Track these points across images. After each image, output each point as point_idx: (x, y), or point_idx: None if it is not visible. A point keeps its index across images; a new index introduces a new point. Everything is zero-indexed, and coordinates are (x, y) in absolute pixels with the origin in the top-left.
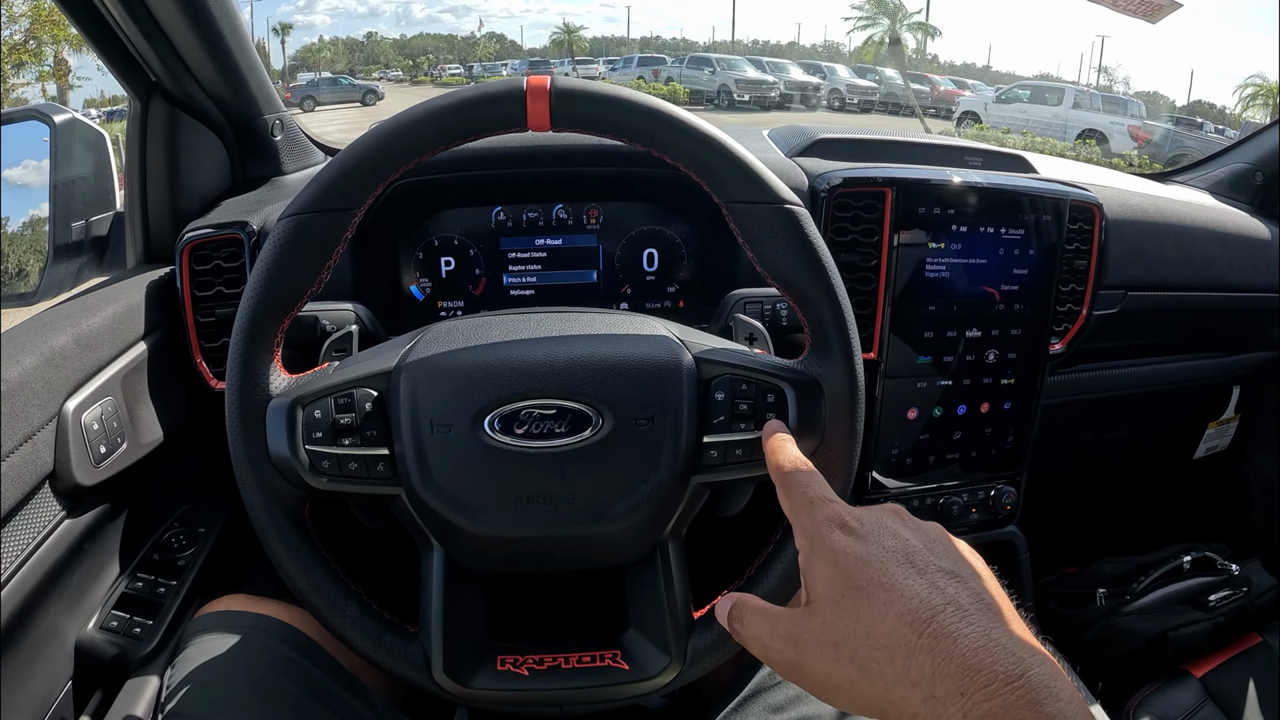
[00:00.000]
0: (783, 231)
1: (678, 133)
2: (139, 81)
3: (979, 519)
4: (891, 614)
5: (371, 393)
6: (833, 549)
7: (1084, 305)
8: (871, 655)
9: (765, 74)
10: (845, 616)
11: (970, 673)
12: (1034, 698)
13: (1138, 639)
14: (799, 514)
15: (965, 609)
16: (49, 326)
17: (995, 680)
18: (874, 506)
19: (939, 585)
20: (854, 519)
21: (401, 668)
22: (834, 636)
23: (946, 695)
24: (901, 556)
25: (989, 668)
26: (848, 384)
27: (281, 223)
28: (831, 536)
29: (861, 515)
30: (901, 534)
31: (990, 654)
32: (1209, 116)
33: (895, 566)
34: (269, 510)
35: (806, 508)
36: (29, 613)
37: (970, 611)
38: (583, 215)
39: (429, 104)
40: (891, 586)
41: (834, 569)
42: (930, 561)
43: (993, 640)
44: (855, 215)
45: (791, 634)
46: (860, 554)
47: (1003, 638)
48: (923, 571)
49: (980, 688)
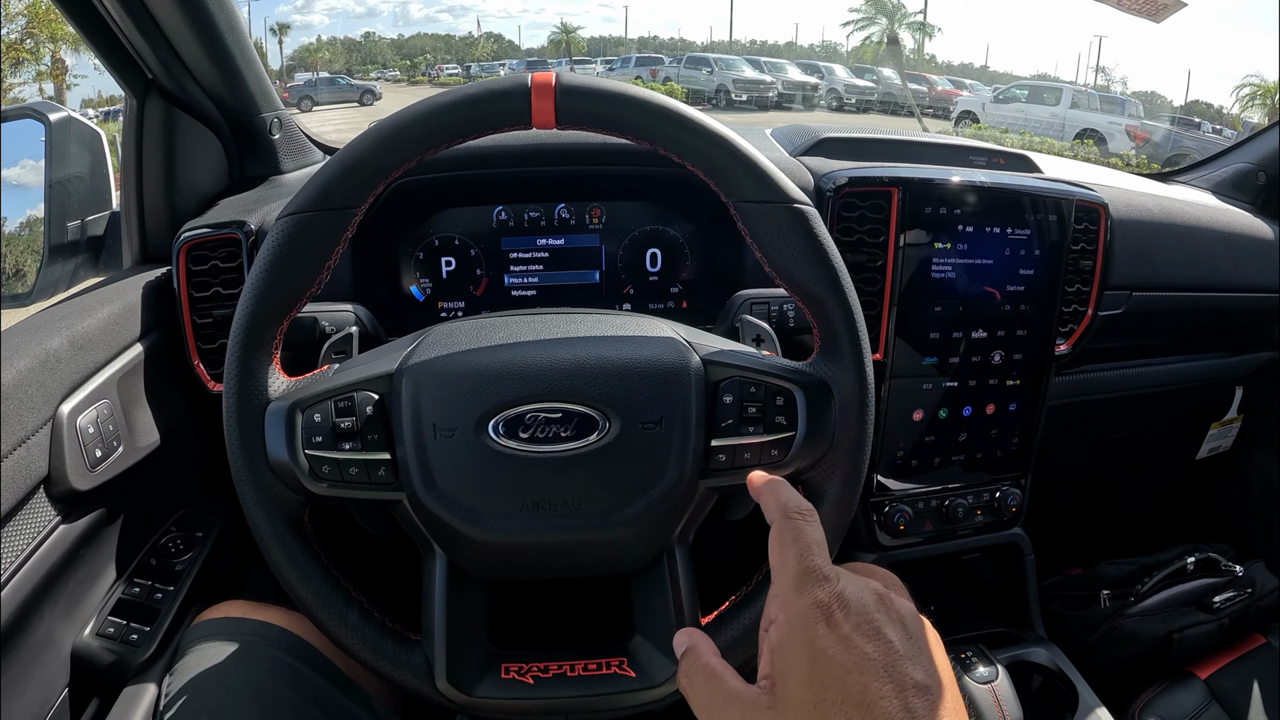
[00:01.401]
0: (792, 231)
1: (686, 131)
2: (135, 79)
3: (983, 521)
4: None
5: (373, 396)
6: (814, 646)
7: (1089, 306)
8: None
9: (763, 74)
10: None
11: None
12: None
13: (1142, 641)
14: (786, 578)
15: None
16: (44, 328)
17: None
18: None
19: (911, 706)
20: (841, 609)
21: (404, 677)
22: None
23: None
24: (883, 668)
25: None
26: (858, 386)
27: (280, 222)
28: (816, 629)
29: (850, 602)
30: (885, 634)
31: None
32: (1206, 116)
33: (875, 682)
34: (268, 516)
35: (799, 576)
36: (24, 620)
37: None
38: (585, 215)
39: (431, 101)
40: (868, 708)
41: (810, 670)
42: (907, 675)
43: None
44: (861, 215)
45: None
46: (842, 662)
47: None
48: (900, 689)
49: None
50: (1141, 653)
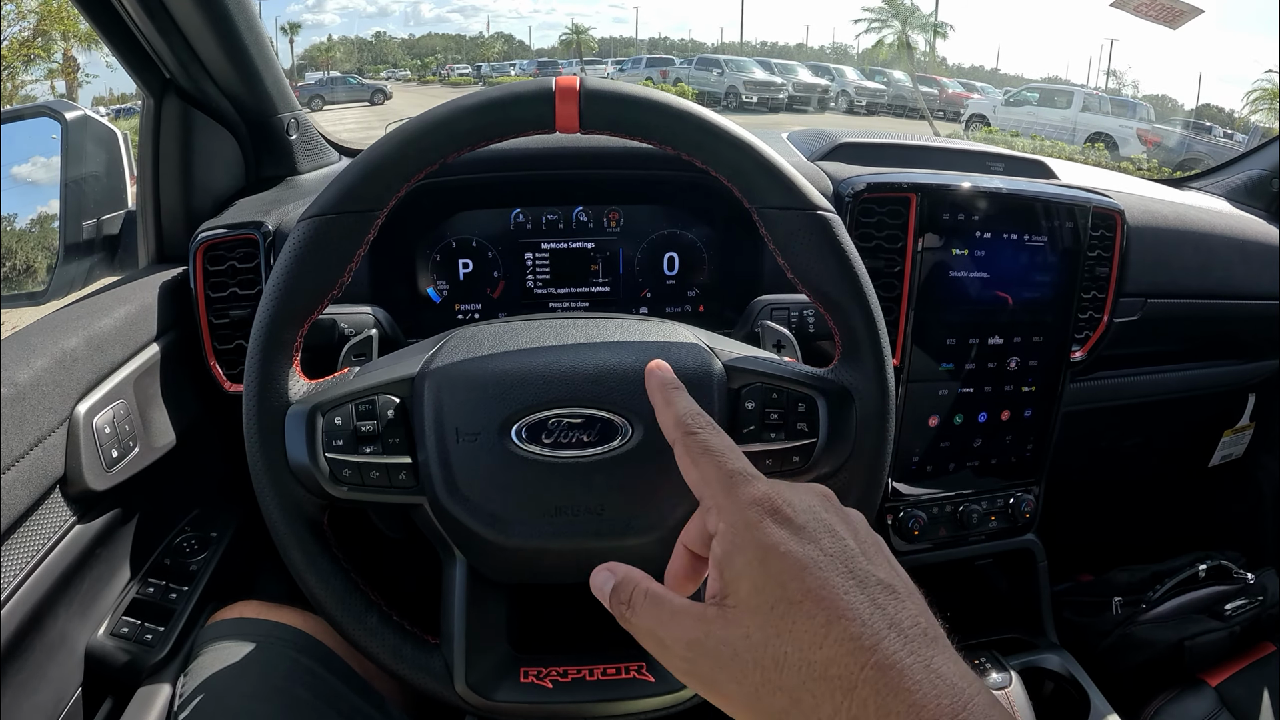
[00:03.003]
0: (815, 238)
1: (709, 136)
2: (153, 78)
3: (997, 526)
4: (832, 638)
5: (394, 399)
6: (763, 545)
7: (1105, 312)
8: (806, 686)
9: (773, 75)
10: (774, 634)
11: (916, 709)
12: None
13: (1154, 648)
14: (714, 490)
15: (906, 634)
16: (60, 327)
17: (940, 715)
18: (801, 487)
19: (880, 603)
20: (785, 504)
21: (423, 680)
22: (759, 656)
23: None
24: (841, 563)
25: (934, 702)
26: (879, 394)
27: (302, 224)
28: (762, 527)
29: (795, 501)
30: (837, 530)
31: (934, 687)
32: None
33: (836, 576)
34: (288, 519)
35: (725, 483)
36: (39, 619)
37: (911, 637)
38: (603, 218)
39: (455, 104)
40: (833, 603)
41: (763, 571)
42: (869, 572)
43: (934, 671)
44: (879, 221)
45: (701, 642)
46: (798, 556)
47: (943, 667)
48: (863, 585)
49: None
50: (1153, 659)
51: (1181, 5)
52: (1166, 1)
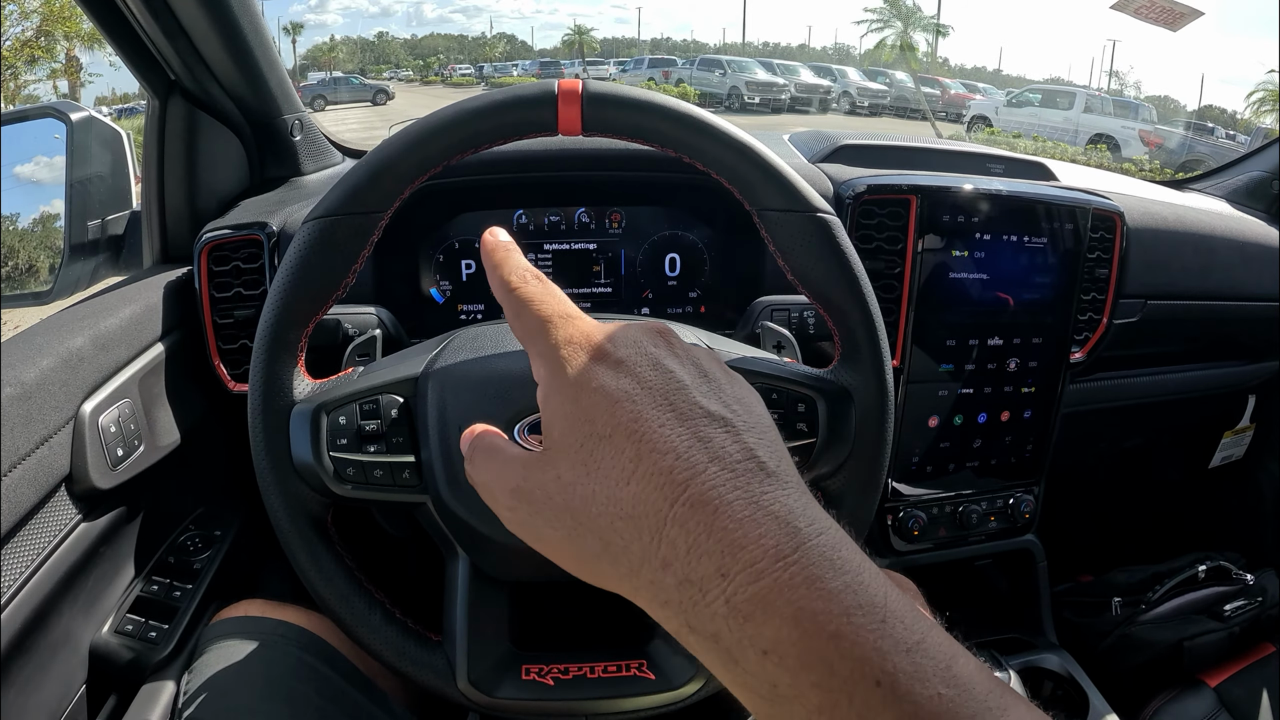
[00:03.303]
0: (815, 240)
1: (711, 139)
2: (158, 80)
3: (997, 527)
4: (640, 473)
5: (397, 399)
6: (576, 382)
7: (1104, 314)
8: (614, 526)
9: (776, 76)
10: (583, 472)
11: (734, 549)
12: (812, 573)
13: (1153, 648)
14: (535, 337)
15: (733, 468)
16: (65, 327)
17: (764, 557)
18: (634, 323)
19: (704, 436)
20: (607, 340)
21: (426, 677)
22: (569, 498)
23: (704, 578)
24: (661, 396)
25: (756, 542)
26: (878, 394)
27: (307, 225)
28: (574, 362)
29: (616, 336)
30: (665, 364)
31: (758, 525)
32: (1219, 121)
33: (651, 409)
34: (292, 517)
35: (542, 326)
36: (43, 617)
37: (739, 472)
38: (605, 219)
39: (458, 107)
40: (643, 436)
41: (575, 408)
42: (697, 404)
43: (763, 508)
44: (880, 222)
45: (520, 487)
46: (609, 389)
47: (774, 504)
48: (685, 418)
49: (745, 567)
50: (1152, 660)
51: (1181, 7)
52: (1166, 4)
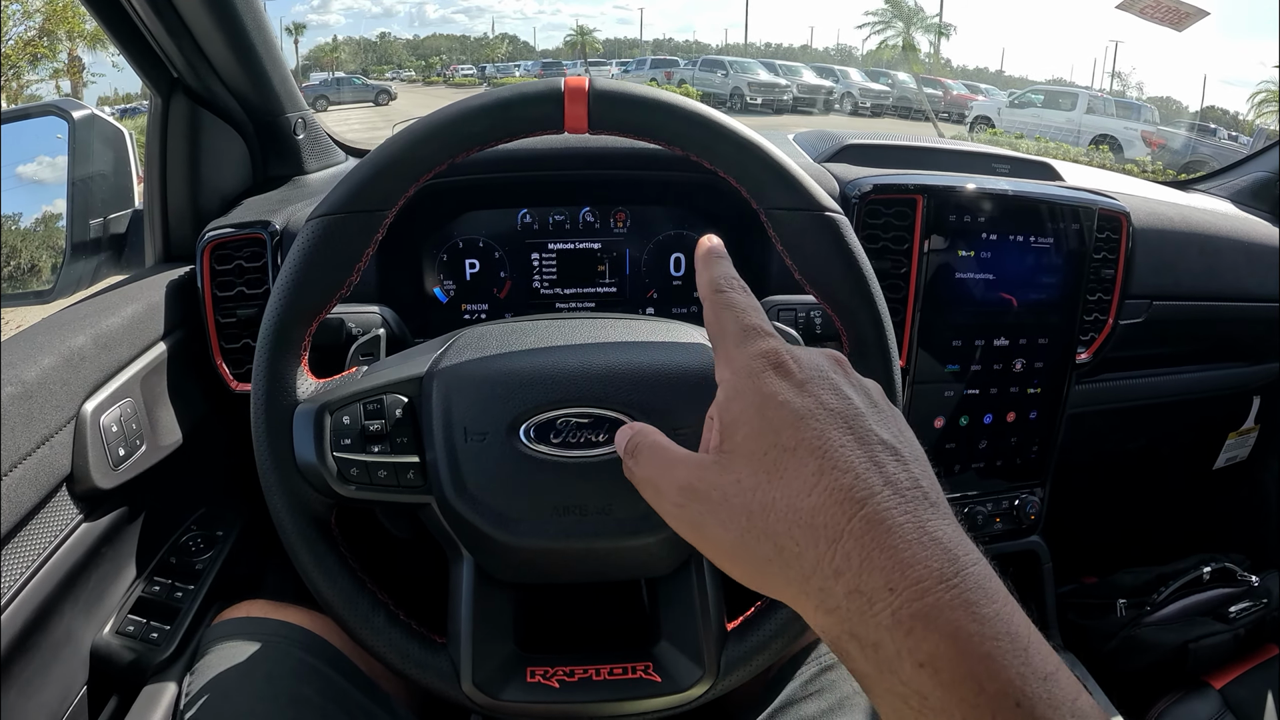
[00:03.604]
0: (823, 239)
1: (718, 138)
2: (160, 78)
3: (1002, 528)
4: (822, 487)
5: (402, 399)
6: (762, 393)
7: (1110, 315)
8: (791, 534)
9: (778, 77)
10: (765, 479)
11: (902, 567)
12: (969, 598)
13: (1158, 650)
14: (727, 342)
15: (904, 493)
16: (67, 326)
17: (929, 577)
18: (817, 350)
19: (879, 461)
20: (793, 360)
21: (430, 680)
22: (748, 501)
23: (874, 590)
24: (842, 419)
25: (923, 563)
26: (885, 394)
27: (311, 224)
28: (764, 377)
29: (802, 358)
30: (844, 390)
31: (925, 548)
32: (1222, 122)
33: (834, 430)
34: (295, 518)
35: (738, 336)
36: (44, 617)
37: (909, 498)
38: (610, 218)
39: (463, 105)
40: (827, 453)
41: (760, 419)
42: (872, 431)
43: (928, 533)
44: (886, 222)
45: (694, 486)
46: (795, 406)
47: (939, 531)
48: (863, 442)
49: (911, 584)
50: (1157, 662)
51: (1187, 7)
52: (1172, 4)
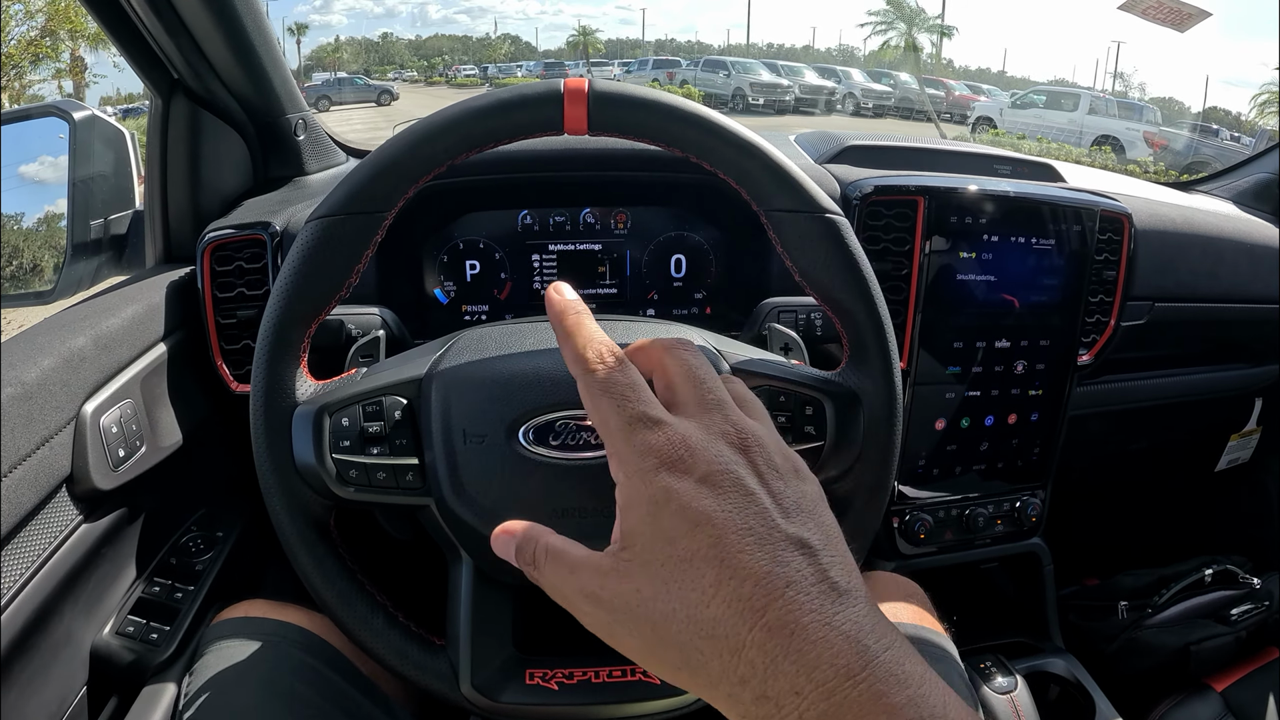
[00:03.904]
0: (823, 241)
1: (718, 139)
2: (161, 78)
3: (1003, 530)
4: (721, 598)
5: (401, 401)
6: (655, 499)
7: (1112, 316)
8: (694, 644)
9: (780, 77)
10: (662, 590)
11: (808, 669)
12: (878, 689)
13: (1160, 653)
14: (612, 436)
15: (808, 590)
16: (67, 327)
17: (835, 676)
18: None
19: (782, 560)
20: (688, 453)
21: (429, 682)
22: (649, 612)
23: (780, 695)
24: (741, 520)
25: (829, 662)
26: (886, 397)
27: (310, 225)
28: (656, 478)
29: (699, 450)
30: (746, 482)
31: (831, 645)
32: (1224, 123)
33: (732, 534)
34: (294, 520)
35: (623, 430)
36: (44, 618)
37: (814, 595)
38: (610, 220)
39: (463, 105)
40: (724, 561)
41: (654, 526)
42: (776, 527)
43: (835, 628)
44: (887, 224)
45: (597, 595)
46: (691, 511)
47: (846, 624)
48: (764, 542)
49: (817, 686)
50: (1159, 664)
51: (1190, 8)
52: (1174, 4)
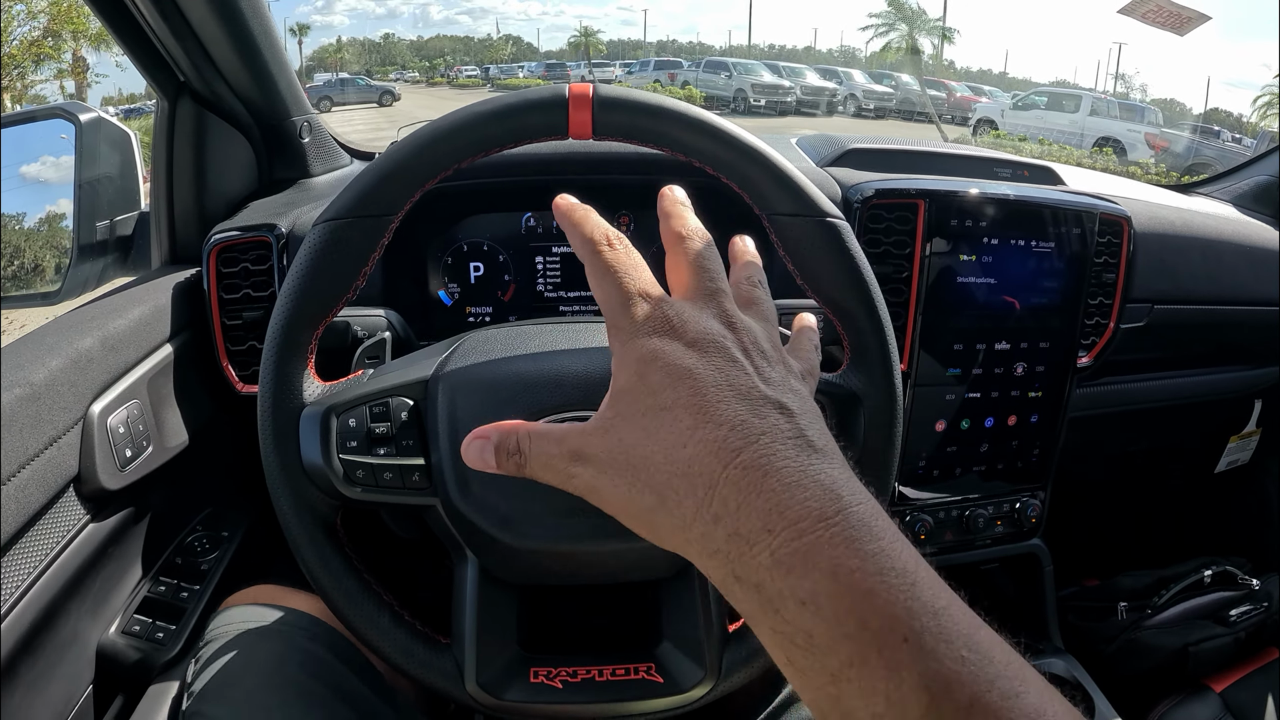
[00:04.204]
0: (824, 245)
1: (721, 144)
2: (167, 81)
3: (1003, 531)
4: (696, 439)
5: (407, 401)
6: (643, 358)
7: (1111, 318)
8: (670, 483)
9: (781, 79)
10: (643, 437)
11: (779, 509)
12: (850, 534)
13: (1159, 654)
14: (613, 309)
15: (784, 441)
16: (75, 328)
17: (807, 517)
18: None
19: (761, 414)
20: (680, 322)
21: (434, 679)
22: (630, 457)
23: (751, 532)
24: (724, 377)
25: (801, 504)
26: (887, 399)
27: (318, 228)
28: (648, 341)
29: (690, 319)
30: (732, 352)
31: (804, 490)
32: (1225, 125)
33: (712, 388)
34: (301, 519)
35: (624, 302)
36: (51, 617)
37: (789, 445)
38: (613, 222)
39: (469, 110)
40: (702, 409)
41: (640, 382)
42: (756, 388)
43: (809, 475)
44: (888, 227)
45: (582, 451)
46: (675, 367)
47: (820, 474)
48: (744, 397)
49: (789, 524)
50: (1158, 665)
51: (1189, 11)
52: (1174, 8)
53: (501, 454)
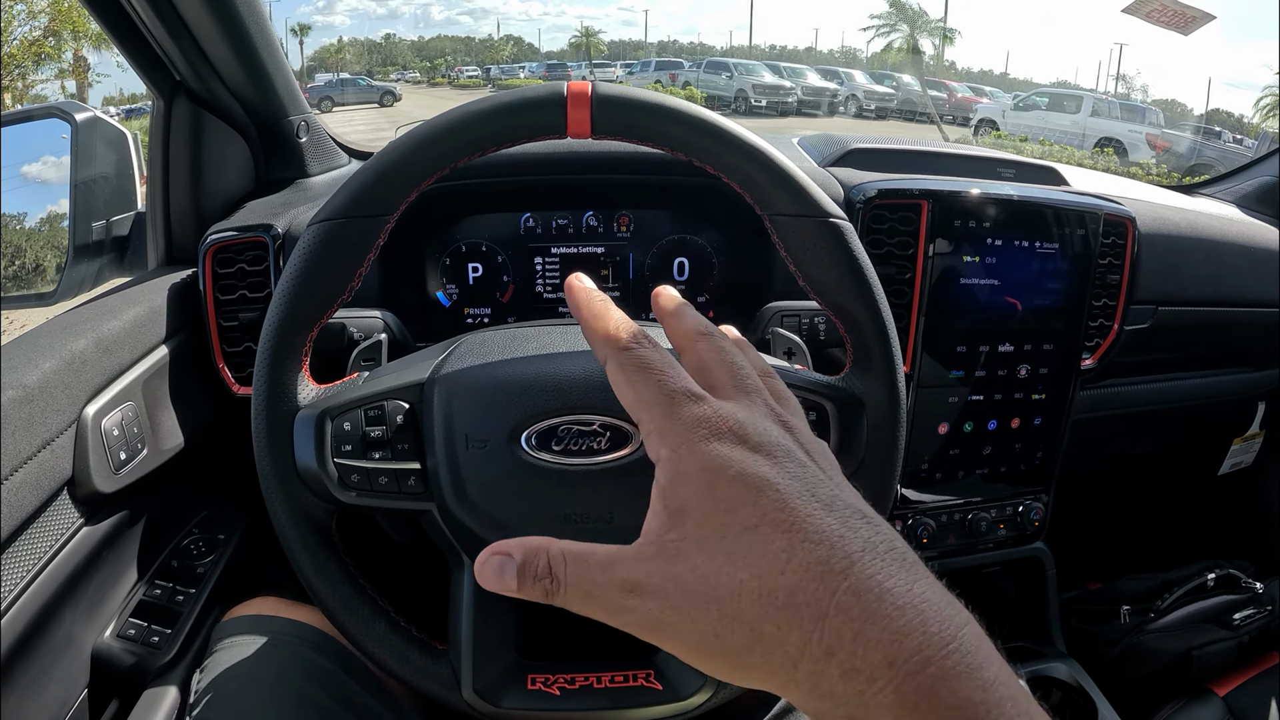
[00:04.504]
0: (827, 246)
1: (722, 143)
2: (163, 80)
3: (1006, 534)
4: (796, 563)
5: (403, 405)
6: (710, 468)
7: (1115, 320)
8: (769, 616)
9: (782, 79)
10: (726, 562)
11: (900, 637)
12: (971, 662)
13: (1162, 657)
14: (653, 412)
15: (884, 557)
16: (69, 329)
17: (929, 645)
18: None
19: (852, 526)
20: (739, 425)
21: (431, 686)
22: (713, 589)
23: (873, 667)
24: (804, 486)
25: (920, 630)
26: (890, 402)
27: (313, 228)
28: (710, 449)
29: (748, 421)
30: (797, 455)
31: (919, 613)
32: (1227, 125)
33: (797, 499)
34: (295, 524)
35: (666, 405)
36: (45, 620)
37: (889, 560)
38: (613, 223)
39: (466, 109)
40: (794, 527)
41: (710, 497)
42: (837, 496)
43: (919, 596)
44: (891, 227)
45: (642, 583)
46: (751, 477)
47: (928, 592)
48: (831, 508)
49: (911, 655)
50: (1161, 669)
51: (1193, 10)
52: (1178, 7)
53: (526, 576)
